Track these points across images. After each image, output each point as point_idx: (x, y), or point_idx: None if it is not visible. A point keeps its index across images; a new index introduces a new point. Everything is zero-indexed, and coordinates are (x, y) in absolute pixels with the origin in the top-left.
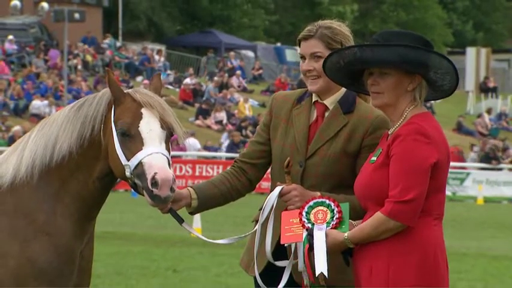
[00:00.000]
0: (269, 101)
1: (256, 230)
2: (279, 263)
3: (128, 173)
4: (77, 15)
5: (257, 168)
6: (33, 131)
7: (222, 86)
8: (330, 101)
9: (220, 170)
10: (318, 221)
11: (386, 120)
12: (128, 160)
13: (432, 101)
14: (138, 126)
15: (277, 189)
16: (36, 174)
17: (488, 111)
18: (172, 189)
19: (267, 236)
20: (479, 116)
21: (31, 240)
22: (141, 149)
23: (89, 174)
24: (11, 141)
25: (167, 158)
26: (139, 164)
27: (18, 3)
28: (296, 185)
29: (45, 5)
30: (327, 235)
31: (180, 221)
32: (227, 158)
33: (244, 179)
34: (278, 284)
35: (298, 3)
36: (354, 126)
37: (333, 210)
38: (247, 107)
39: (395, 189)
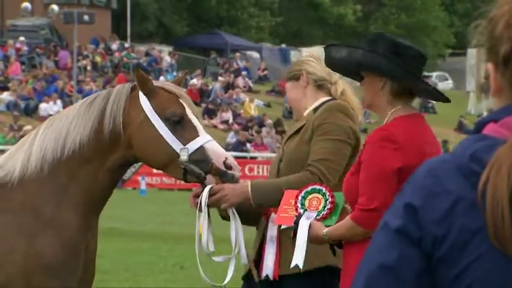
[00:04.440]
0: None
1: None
2: (216, 259)
3: (184, 157)
4: (86, 17)
5: None
6: (40, 128)
7: (228, 87)
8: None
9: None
10: (311, 208)
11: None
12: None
13: (434, 101)
14: (187, 115)
15: (207, 189)
16: (46, 168)
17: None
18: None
19: (203, 233)
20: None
21: (37, 236)
22: (198, 136)
23: (100, 167)
24: None
25: None
26: (201, 148)
27: (28, 5)
28: (224, 185)
29: (55, 7)
30: (310, 226)
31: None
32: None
33: None
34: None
35: (302, 5)
36: (310, 119)
37: (327, 200)
38: (252, 107)
39: (362, 197)
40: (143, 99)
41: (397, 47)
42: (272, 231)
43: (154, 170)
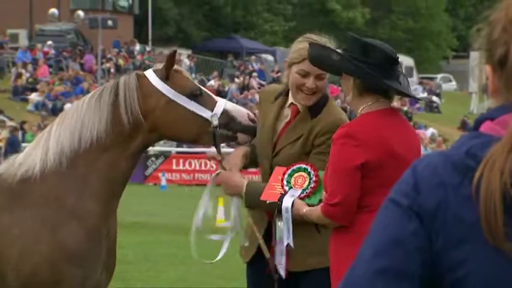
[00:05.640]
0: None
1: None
2: (213, 237)
3: (215, 122)
4: (110, 22)
5: None
6: (52, 125)
7: (244, 88)
8: (302, 107)
9: None
10: (296, 186)
11: (339, 125)
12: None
13: (438, 102)
14: (201, 88)
15: (214, 175)
16: (64, 161)
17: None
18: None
19: (198, 212)
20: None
21: (61, 226)
22: (217, 101)
23: (120, 154)
24: None
25: None
26: (225, 111)
27: (56, 11)
28: (225, 175)
29: (80, 13)
30: (293, 204)
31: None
32: None
33: None
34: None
35: (313, 10)
36: (312, 128)
37: (311, 178)
38: None
39: (327, 192)
40: (159, 84)
41: (365, 47)
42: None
43: (174, 166)
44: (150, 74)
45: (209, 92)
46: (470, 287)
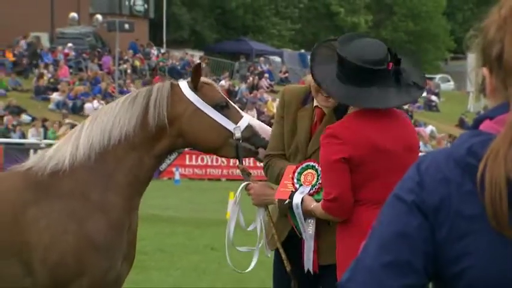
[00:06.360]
0: (281, 95)
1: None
2: (241, 249)
3: (238, 134)
4: (126, 26)
5: (286, 158)
6: (84, 122)
7: (253, 87)
8: (327, 108)
9: (251, 162)
10: (306, 183)
11: None
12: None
13: (437, 100)
14: (228, 100)
15: (242, 185)
16: (93, 156)
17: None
18: None
19: (231, 224)
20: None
21: (87, 218)
22: (242, 116)
23: (146, 153)
24: None
25: None
26: (249, 126)
27: (76, 15)
28: (255, 184)
29: (99, 17)
30: (303, 201)
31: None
32: None
33: None
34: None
35: (319, 14)
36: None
37: (319, 175)
38: (275, 105)
39: (324, 190)
40: (189, 93)
41: (339, 57)
42: (309, 228)
43: (187, 162)
44: (183, 83)
45: (236, 107)
46: (471, 279)
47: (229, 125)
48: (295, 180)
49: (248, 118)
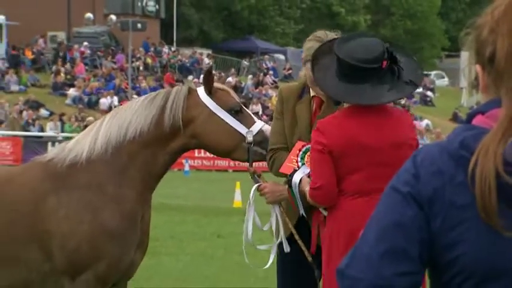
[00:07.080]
0: (279, 92)
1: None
2: (261, 247)
3: (250, 138)
4: (139, 25)
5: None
6: (105, 117)
7: (258, 84)
8: (324, 96)
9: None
10: (308, 163)
11: None
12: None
13: (432, 95)
14: (242, 106)
15: (254, 186)
16: (110, 150)
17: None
18: None
19: (248, 224)
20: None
21: (102, 209)
22: (255, 121)
23: (159, 150)
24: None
25: None
26: (260, 131)
27: (91, 15)
28: (267, 183)
29: (113, 17)
30: (301, 181)
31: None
32: None
33: None
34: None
35: (321, 14)
36: None
37: None
38: None
39: (311, 178)
40: (205, 98)
41: (337, 56)
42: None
43: (196, 154)
44: (199, 88)
45: (250, 113)
46: (464, 265)
47: (241, 129)
48: (299, 158)
49: (260, 124)
